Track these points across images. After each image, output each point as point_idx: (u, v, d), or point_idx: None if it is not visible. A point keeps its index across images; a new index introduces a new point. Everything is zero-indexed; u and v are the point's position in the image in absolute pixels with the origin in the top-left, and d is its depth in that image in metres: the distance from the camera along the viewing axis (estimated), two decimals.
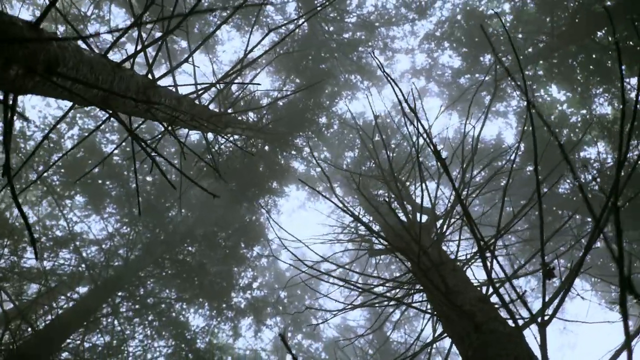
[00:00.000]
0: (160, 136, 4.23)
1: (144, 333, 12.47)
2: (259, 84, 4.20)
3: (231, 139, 10.45)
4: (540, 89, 14.89)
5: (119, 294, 12.23)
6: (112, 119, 5.32)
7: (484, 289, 5.16)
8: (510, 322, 3.19)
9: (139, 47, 3.15)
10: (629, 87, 10.98)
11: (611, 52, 11.29)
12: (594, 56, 11.78)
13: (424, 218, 7.44)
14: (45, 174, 12.14)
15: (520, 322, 4.32)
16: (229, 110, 10.58)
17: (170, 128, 4.09)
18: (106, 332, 11.62)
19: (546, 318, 2.44)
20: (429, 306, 5.34)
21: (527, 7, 12.84)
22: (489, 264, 3.06)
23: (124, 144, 13.47)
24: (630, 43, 10.78)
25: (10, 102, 1.96)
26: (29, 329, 9.22)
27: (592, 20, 11.13)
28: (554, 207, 11.83)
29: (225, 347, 13.35)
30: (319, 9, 11.78)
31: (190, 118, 4.32)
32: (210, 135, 9.34)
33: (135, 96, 2.93)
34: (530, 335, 12.83)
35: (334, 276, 3.94)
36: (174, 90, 4.29)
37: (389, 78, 3.03)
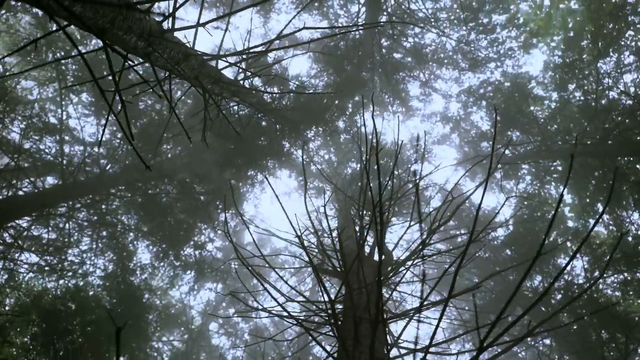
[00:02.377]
0: (155, 84, 4.25)
1: (90, 246, 12.58)
2: (266, 74, 4.22)
3: (233, 105, 10.46)
4: (551, 182, 14.86)
5: (82, 200, 12.30)
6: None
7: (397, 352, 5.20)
8: None
9: None
10: (628, 220, 10.98)
11: (631, 180, 11.28)
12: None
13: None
14: (63, 61, 12.17)
15: None
16: (258, 80, 10.56)
17: (170, 77, 4.10)
18: (54, 230, 11.72)
19: None
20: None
21: (571, 103, 12.79)
22: (390, 333, 3.09)
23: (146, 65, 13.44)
24: None
25: None
26: None
27: (624, 144, 11.10)
28: (517, 306, 11.87)
29: (157, 290, 13.46)
30: (380, 24, 11.74)
31: (194, 76, 4.34)
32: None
33: (136, 39, 2.95)
34: None
35: (266, 283, 3.98)
36: (193, 47, 4.31)
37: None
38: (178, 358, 13.34)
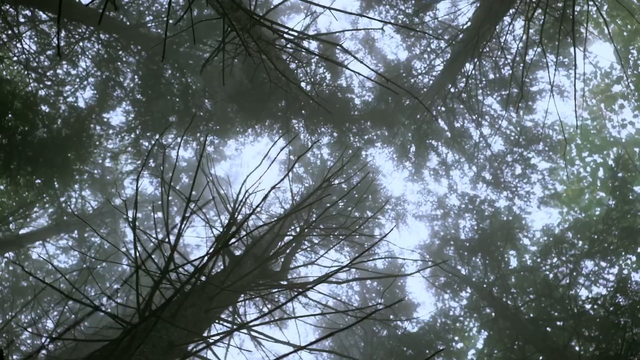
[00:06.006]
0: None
1: (79, 75, 12.61)
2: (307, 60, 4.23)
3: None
4: (478, 320, 14.95)
5: (103, 35, 12.24)
6: None
7: None
8: None
9: None
10: None
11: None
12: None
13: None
14: None
15: None
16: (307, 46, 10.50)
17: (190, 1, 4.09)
18: (63, 40, 11.70)
19: None
20: None
21: (542, 272, 12.83)
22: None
23: None
24: None
25: None
26: None
27: (551, 338, 11.19)
28: None
29: (107, 152, 13.58)
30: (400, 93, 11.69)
31: (221, 12, 4.35)
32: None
33: None
34: None
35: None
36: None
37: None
38: (80, 220, 13.42)
